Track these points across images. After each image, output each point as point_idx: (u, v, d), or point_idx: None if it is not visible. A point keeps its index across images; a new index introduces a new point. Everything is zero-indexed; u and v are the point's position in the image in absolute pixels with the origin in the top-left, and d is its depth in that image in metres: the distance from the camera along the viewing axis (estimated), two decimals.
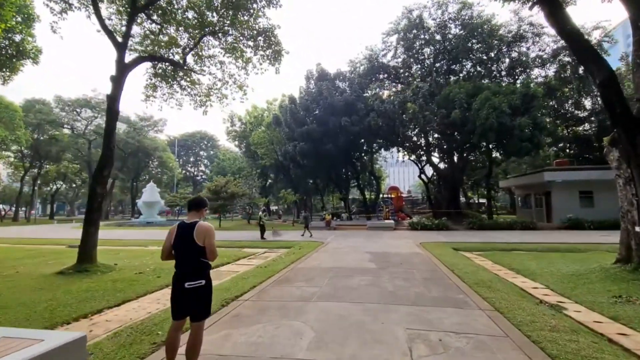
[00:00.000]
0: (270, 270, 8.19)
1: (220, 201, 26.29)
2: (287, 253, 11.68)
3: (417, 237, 16.98)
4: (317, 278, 7.22)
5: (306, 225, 19.74)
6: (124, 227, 28.45)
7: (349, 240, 15.72)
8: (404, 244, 13.97)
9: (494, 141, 21.23)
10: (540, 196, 24.78)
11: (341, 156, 26.22)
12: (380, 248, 12.48)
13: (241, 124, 44.94)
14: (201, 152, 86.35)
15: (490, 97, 20.66)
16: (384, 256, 10.36)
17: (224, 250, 13.12)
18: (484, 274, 7.64)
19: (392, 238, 16.52)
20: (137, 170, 58.36)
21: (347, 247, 12.80)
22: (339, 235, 18.55)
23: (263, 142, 37.63)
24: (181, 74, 13.52)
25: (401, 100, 22.70)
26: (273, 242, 15.71)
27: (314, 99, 25.42)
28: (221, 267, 9.64)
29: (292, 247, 13.73)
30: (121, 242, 16.49)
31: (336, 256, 10.53)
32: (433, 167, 31.23)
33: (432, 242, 14.27)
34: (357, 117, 24.24)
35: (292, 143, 25.26)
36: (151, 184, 34.32)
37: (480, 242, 14.69)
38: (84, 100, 46.31)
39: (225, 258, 10.81)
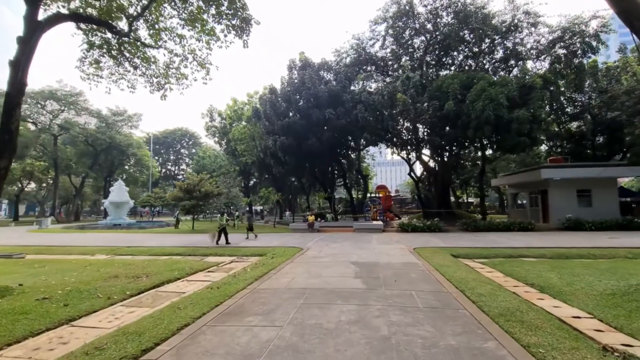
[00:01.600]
0: (223, 293, 6.10)
1: (193, 201, 23.86)
2: (256, 264, 9.60)
3: (409, 240, 15.16)
4: (281, 308, 5.19)
5: (249, 227, 17.78)
6: (86, 230, 25.66)
7: (333, 245, 13.74)
8: (396, 250, 12.09)
9: (490, 135, 19.67)
10: (536, 195, 23.47)
11: (326, 152, 24.23)
12: (369, 256, 10.54)
13: (221, 119, 42.37)
14: (182, 150, 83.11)
15: (486, 88, 19.09)
16: (373, 269, 8.41)
17: (181, 260, 10.94)
18: (504, 297, 5.78)
19: (381, 242, 14.64)
20: (111, 168, 54.80)
21: (329, 256, 10.80)
22: (322, 238, 16.57)
23: (244, 137, 35.26)
24: (131, 49, 11.24)
25: (390, 91, 20.89)
26: (245, 248, 13.58)
27: (296, 89, 23.31)
28: (167, 286, 7.50)
29: (266, 254, 11.66)
30: (64, 249, 14.02)
31: (314, 269, 8.51)
32: (423, 165, 29.66)
33: (428, 248, 12.45)
34: (342, 109, 22.29)
35: (272, 137, 23.10)
36: (119, 183, 31.44)
37: (480, 246, 12.98)
38: (48, 91, 42.69)
39: (177, 272, 8.67)
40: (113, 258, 11.97)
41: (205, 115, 43.22)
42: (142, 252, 13.05)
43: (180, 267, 9.20)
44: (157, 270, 8.86)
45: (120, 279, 7.87)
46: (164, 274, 8.37)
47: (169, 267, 9.23)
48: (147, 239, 18.35)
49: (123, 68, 11.79)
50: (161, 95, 12.51)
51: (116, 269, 9.00)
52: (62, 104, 44.34)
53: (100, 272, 8.63)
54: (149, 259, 11.22)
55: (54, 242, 17.17)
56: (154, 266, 9.46)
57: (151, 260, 10.90)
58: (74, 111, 46.56)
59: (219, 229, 14.47)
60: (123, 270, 8.81)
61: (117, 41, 10.25)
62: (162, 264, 9.81)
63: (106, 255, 12.58)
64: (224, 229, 14.48)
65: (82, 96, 46.01)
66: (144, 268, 9.15)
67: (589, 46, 22.05)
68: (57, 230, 25.14)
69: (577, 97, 27.88)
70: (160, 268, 9.13)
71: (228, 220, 14.74)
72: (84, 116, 48.22)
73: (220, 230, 14.42)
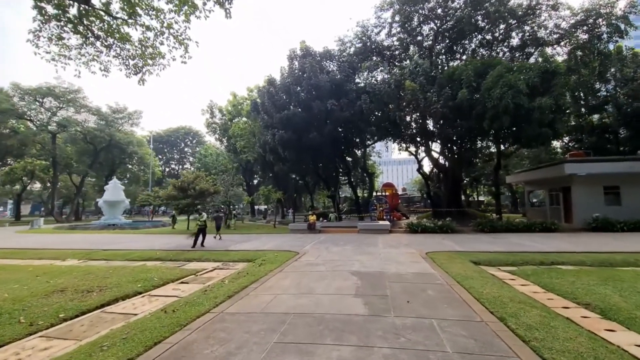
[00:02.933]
0: (176, 320, 4.55)
1: (188, 199, 22.44)
2: (239, 273, 8.05)
3: (419, 243, 13.48)
4: (242, 352, 3.60)
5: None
6: (77, 230, 24.44)
7: (333, 249, 12.13)
8: (405, 255, 10.43)
9: (509, 126, 17.84)
10: (557, 192, 21.54)
11: (328, 147, 22.57)
12: (373, 264, 8.91)
13: (222, 116, 41.00)
14: (186, 149, 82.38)
15: (505, 74, 17.29)
16: (378, 282, 6.78)
17: (155, 267, 9.45)
18: (564, 329, 4.12)
19: (389, 245, 12.99)
20: (112, 166, 53.90)
21: (326, 262, 9.19)
22: (323, 240, 14.97)
23: (243, 133, 33.83)
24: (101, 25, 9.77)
25: (398, 79, 19.15)
26: (234, 252, 12.04)
27: (296, 80, 21.68)
28: (119, 304, 6.00)
29: (256, 260, 10.13)
30: (37, 252, 12.65)
31: (305, 282, 6.91)
32: (432, 161, 27.83)
33: (442, 252, 10.77)
34: (346, 100, 20.62)
35: (271, 131, 21.54)
36: (114, 181, 30.22)
37: (503, 251, 11.25)
38: (46, 88, 41.78)
39: (141, 284, 7.17)
40: (82, 264, 10.54)
41: (206, 111, 41.91)
42: (119, 256, 11.61)
43: (147, 278, 7.69)
44: (117, 281, 7.36)
45: (67, 293, 6.39)
46: (123, 287, 6.87)
47: (135, 277, 7.73)
48: (134, 240, 16.96)
49: (94, 48, 10.34)
50: (139, 80, 11.03)
51: (70, 280, 7.53)
52: (61, 101, 43.45)
53: (49, 284, 7.16)
54: (119, 266, 9.75)
55: (34, 244, 15.88)
56: (117, 275, 7.97)
57: (120, 267, 9.42)
58: (73, 108, 45.68)
59: (197, 229, 12.96)
60: (78, 282, 7.33)
61: (77, 11, 8.76)
62: (129, 273, 8.31)
63: (78, 261, 11.17)
64: (203, 230, 12.97)
65: (81, 93, 45.08)
66: (104, 278, 7.67)
67: (615, 29, 20.07)
68: (46, 231, 23.96)
69: (599, 87, 25.78)
70: (123, 278, 7.63)
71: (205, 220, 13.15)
72: (83, 114, 47.30)
73: (198, 231, 12.90)
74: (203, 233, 12.92)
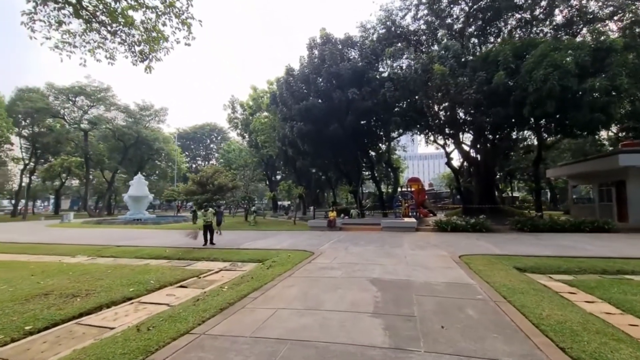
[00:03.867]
0: (145, 344, 3.64)
1: (206, 194, 22.08)
2: (242, 278, 7.14)
3: (450, 243, 12.04)
4: None
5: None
6: (102, 225, 24.87)
7: (353, 249, 11.00)
8: (435, 258, 9.11)
9: (553, 113, 15.77)
10: (609, 187, 19.08)
11: (349, 139, 21.32)
12: (398, 269, 7.70)
13: (243, 111, 40.70)
14: (211, 145, 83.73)
15: (549, 53, 15.23)
16: (404, 295, 5.59)
17: (158, 267, 8.78)
18: None
19: (415, 245, 11.66)
20: (141, 163, 55.52)
21: (343, 266, 8.09)
22: (342, 239, 13.86)
23: (264, 128, 33.23)
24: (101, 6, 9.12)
25: (425, 63, 17.50)
26: (246, 251, 11.22)
27: (315, 68, 20.54)
28: (100, 314, 5.26)
29: (267, 260, 9.23)
30: (50, 248, 12.50)
31: (314, 292, 5.85)
32: (462, 154, 25.83)
33: (479, 256, 9.33)
34: (368, 88, 19.24)
35: (289, 124, 20.61)
36: (138, 177, 30.66)
37: (552, 255, 9.61)
38: (78, 87, 43.34)
39: (135, 287, 6.47)
40: (88, 262, 10.11)
41: (227, 106, 41.80)
42: (128, 253, 11.14)
43: (144, 280, 6.96)
44: (110, 284, 6.67)
45: (49, 298, 5.73)
46: (113, 292, 6.15)
47: (132, 279, 7.03)
48: (151, 236, 16.71)
49: (99, 35, 9.75)
50: (146, 67, 10.31)
51: (62, 281, 6.94)
52: (92, 100, 44.96)
53: (37, 286, 6.59)
54: (123, 264, 9.18)
55: (53, 238, 15.98)
56: (113, 277, 7.31)
57: (123, 266, 8.82)
58: (104, 106, 47.19)
59: (203, 226, 12.23)
60: (69, 284, 6.72)
61: None
62: (127, 274, 7.65)
63: (86, 257, 10.79)
64: (210, 227, 12.21)
65: (110, 91, 46.45)
66: (97, 280, 7.02)
67: None
68: (73, 225, 24.56)
69: None
70: (118, 280, 6.95)
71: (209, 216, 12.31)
72: (113, 112, 48.84)
73: (205, 229, 12.17)
74: (210, 230, 12.20)
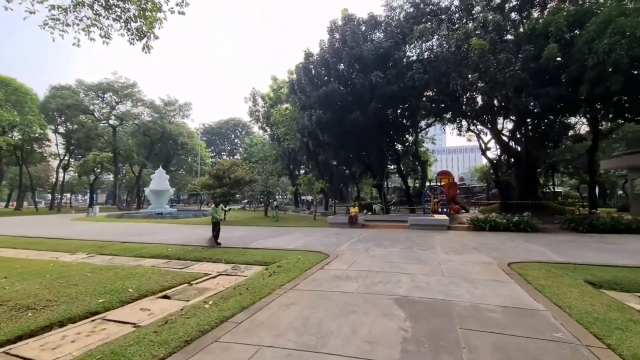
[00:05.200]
0: None
1: (223, 188, 21.24)
2: (235, 289, 5.83)
3: (493, 246, 10.16)
4: None
5: None
6: (123, 218, 24.85)
7: (374, 252, 9.45)
8: (480, 267, 7.36)
9: (620, 90, 13.20)
10: None
11: (373, 129, 19.56)
12: (432, 283, 6.08)
13: (264, 103, 39.78)
14: (236, 140, 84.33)
15: (615, 19, 12.68)
16: (444, 329, 4.01)
17: (159, 267, 7.75)
18: None
19: (450, 248, 9.91)
20: (167, 157, 56.54)
21: (360, 277, 6.59)
22: (363, 239, 12.32)
23: (284, 120, 32.09)
24: None
25: (460, 38, 15.35)
26: (253, 251, 9.99)
27: (335, 51, 18.88)
28: (43, 336, 4.10)
29: (275, 263, 7.93)
30: (56, 243, 11.95)
31: (319, 316, 4.42)
32: (500, 143, 23.24)
33: (534, 264, 7.46)
34: (394, 71, 17.35)
35: (308, 112, 19.17)
36: (159, 171, 30.57)
37: (631, 265, 7.55)
38: (106, 84, 44.35)
39: (113, 295, 5.41)
40: (84, 260, 9.29)
41: (248, 99, 41.05)
42: (129, 251, 10.27)
43: (122, 288, 5.85)
44: (82, 291, 5.61)
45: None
46: (78, 303, 5.07)
47: (108, 286, 5.95)
48: (163, 231, 16.02)
49: (94, 12, 8.78)
50: (143, 46, 9.34)
51: (31, 286, 5.98)
52: (119, 96, 45.91)
53: (2, 292, 5.65)
54: (115, 265, 8.21)
55: (67, 233, 15.67)
56: (90, 282, 6.27)
57: (113, 267, 7.82)
58: (130, 102, 48.14)
59: (213, 223, 11.12)
60: (36, 290, 5.73)
61: None
62: (109, 278, 6.60)
63: (85, 255, 10.02)
64: (218, 224, 11.10)
65: (136, 87, 47.23)
66: (71, 286, 5.99)
67: None
68: (95, 219, 24.71)
69: None
70: (92, 287, 5.89)
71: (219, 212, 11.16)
72: (139, 107, 49.78)
73: (214, 226, 11.06)
74: (217, 228, 11.10)
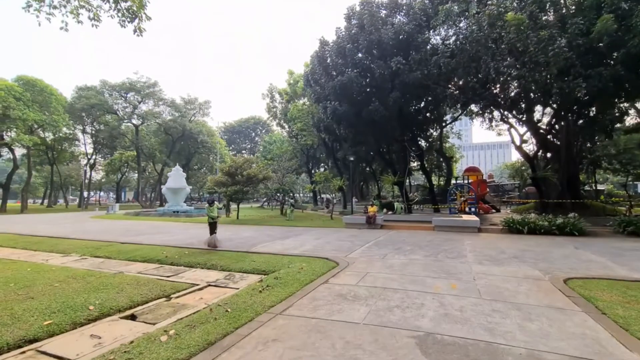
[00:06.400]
0: None
1: (236, 186, 20.39)
2: (211, 310, 4.68)
3: (537, 253, 8.47)
4: None
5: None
6: (140, 217, 24.70)
7: (393, 260, 8.06)
8: (525, 282, 5.82)
9: None
10: None
11: (394, 122, 18.00)
12: (466, 310, 4.65)
13: (281, 99, 38.93)
14: (257, 138, 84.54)
15: None
16: None
17: (145, 273, 6.81)
18: None
19: (485, 257, 8.34)
20: (188, 156, 57.14)
21: (371, 297, 5.25)
22: (381, 242, 10.93)
23: (301, 115, 31.02)
24: None
25: (494, 14, 13.50)
26: (253, 256, 8.87)
27: (352, 37, 17.47)
28: None
29: (273, 272, 6.79)
30: (54, 243, 11.41)
31: None
32: (536, 137, 20.97)
33: (600, 281, 5.80)
34: (417, 56, 15.71)
35: (323, 104, 17.90)
36: (176, 168, 30.34)
37: None
38: (128, 84, 45.09)
39: (67, 314, 4.40)
40: (72, 263, 8.53)
41: (266, 95, 40.42)
42: (124, 253, 9.44)
43: (82, 304, 4.86)
44: (30, 308, 4.67)
45: None
46: (16, 325, 4.11)
47: (67, 301, 4.99)
48: (168, 231, 15.34)
49: None
50: (135, 28, 8.60)
51: None
52: (141, 95, 46.59)
53: None
54: (97, 272, 7.33)
55: (74, 231, 15.32)
56: (49, 295, 5.34)
57: (91, 274, 6.93)
58: (152, 101, 48.82)
59: (210, 224, 10.10)
60: None
61: None
62: (74, 289, 5.66)
63: (77, 257, 9.30)
64: (214, 224, 10.08)
65: (157, 86, 47.77)
66: (25, 300, 5.09)
67: None
68: (112, 217, 24.72)
69: None
70: (46, 302, 4.94)
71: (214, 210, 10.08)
72: (161, 106, 50.45)
73: (210, 227, 10.04)
74: (214, 228, 10.10)
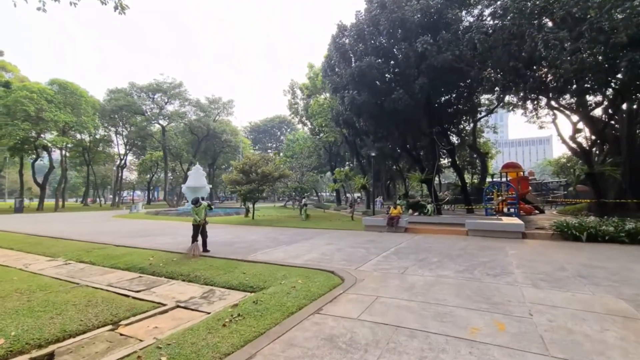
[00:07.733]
0: None
1: (251, 184, 19.38)
2: (150, 352, 3.33)
3: (610, 270, 6.42)
4: None
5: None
6: (159, 216, 24.48)
7: (414, 277, 6.40)
8: (608, 320, 3.99)
9: None
10: None
11: (421, 114, 16.09)
12: None
13: (302, 95, 37.76)
14: (282, 137, 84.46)
15: None
16: None
17: (120, 285, 5.70)
18: None
19: (537, 274, 6.44)
20: (214, 155, 57.72)
21: (377, 344, 3.68)
22: (403, 250, 9.23)
23: (322, 110, 29.62)
24: None
25: None
26: (246, 265, 7.55)
27: (372, 19, 15.75)
28: None
29: (261, 290, 5.42)
30: (50, 244, 10.80)
31: None
32: (590, 126, 18.08)
33: None
34: (447, 35, 13.70)
35: (340, 94, 16.36)
36: (197, 167, 30.12)
37: None
38: (155, 85, 46.01)
39: None
40: (52, 269, 7.67)
41: (287, 92, 39.40)
42: (111, 258, 8.52)
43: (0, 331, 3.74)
44: None
45: None
46: None
47: None
48: (175, 231, 14.58)
49: None
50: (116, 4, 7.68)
51: None
52: (168, 96, 47.43)
53: None
54: (54, 283, 6.35)
55: (85, 231, 14.94)
56: None
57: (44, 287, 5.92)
58: (178, 102, 49.61)
59: (194, 226, 8.88)
60: None
61: None
62: (14, 308, 4.60)
63: (62, 262, 8.49)
64: (202, 227, 8.89)
65: (183, 87, 48.44)
66: None
67: None
68: (132, 216, 24.73)
69: None
70: None
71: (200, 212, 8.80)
72: (187, 107, 51.21)
73: (194, 230, 8.83)
74: (202, 232, 8.92)
